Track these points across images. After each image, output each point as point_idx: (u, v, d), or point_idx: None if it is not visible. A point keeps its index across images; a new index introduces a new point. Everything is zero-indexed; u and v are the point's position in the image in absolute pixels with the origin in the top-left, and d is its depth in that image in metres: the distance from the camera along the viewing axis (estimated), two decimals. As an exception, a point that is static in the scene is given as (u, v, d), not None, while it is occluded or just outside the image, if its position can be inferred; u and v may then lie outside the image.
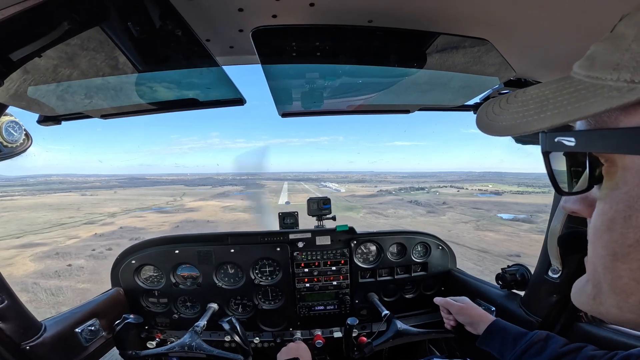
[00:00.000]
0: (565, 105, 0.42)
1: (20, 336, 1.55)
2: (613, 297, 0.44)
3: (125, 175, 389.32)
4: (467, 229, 48.88)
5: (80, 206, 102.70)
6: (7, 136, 1.37)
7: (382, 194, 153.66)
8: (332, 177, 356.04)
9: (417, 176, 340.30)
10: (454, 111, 1.76)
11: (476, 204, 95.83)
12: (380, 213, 78.26)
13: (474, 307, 1.71)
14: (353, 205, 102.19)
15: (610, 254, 0.43)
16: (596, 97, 0.39)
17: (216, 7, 0.90)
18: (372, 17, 0.94)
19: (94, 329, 1.98)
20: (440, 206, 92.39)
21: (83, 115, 1.46)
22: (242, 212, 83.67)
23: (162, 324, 2.47)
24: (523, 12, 0.87)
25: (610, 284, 0.44)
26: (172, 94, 1.39)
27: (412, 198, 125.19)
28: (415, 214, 79.11)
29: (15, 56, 0.81)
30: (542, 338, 1.31)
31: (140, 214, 77.43)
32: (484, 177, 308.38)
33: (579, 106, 0.40)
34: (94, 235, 44.55)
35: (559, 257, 1.60)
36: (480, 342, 1.53)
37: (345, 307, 2.49)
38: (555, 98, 0.44)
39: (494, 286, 2.15)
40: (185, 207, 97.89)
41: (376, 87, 1.45)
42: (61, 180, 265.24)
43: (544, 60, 1.16)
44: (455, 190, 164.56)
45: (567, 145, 0.45)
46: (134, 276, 2.40)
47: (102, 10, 0.77)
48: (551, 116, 0.43)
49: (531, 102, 0.48)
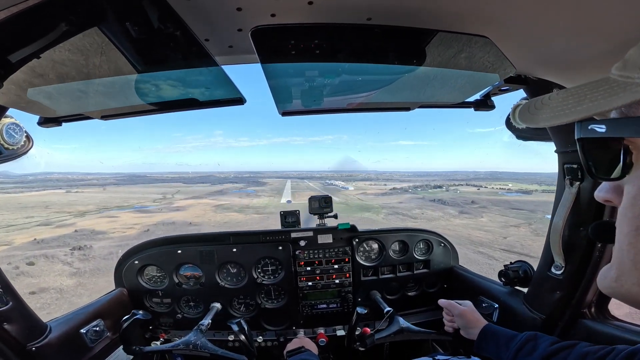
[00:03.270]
0: (599, 99, 0.49)
1: (25, 337, 1.56)
2: (635, 274, 0.48)
3: (126, 174, 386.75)
4: (526, 235, 44.28)
5: (51, 204, 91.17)
6: (8, 138, 1.37)
7: (397, 192, 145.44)
8: (336, 175, 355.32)
9: (423, 175, 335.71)
10: (455, 108, 1.76)
11: (512, 204, 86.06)
12: (405, 214, 69.35)
13: (473, 312, 1.74)
14: (369, 204, 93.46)
15: (634, 229, 0.48)
16: (625, 92, 0.45)
17: (214, 7, 0.90)
18: (370, 14, 0.93)
19: (99, 329, 1.99)
20: (469, 205, 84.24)
21: (83, 116, 1.47)
22: (237, 212, 74.53)
23: (166, 324, 2.48)
24: (522, 9, 0.87)
25: (633, 260, 0.48)
26: (172, 94, 1.39)
27: (433, 196, 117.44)
28: (446, 215, 70.15)
29: (14, 58, 0.81)
30: (531, 338, 1.35)
31: (114, 214, 70.18)
32: (493, 176, 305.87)
33: (610, 99, 0.47)
34: (31, 242, 36.85)
35: (561, 254, 1.60)
36: (476, 348, 1.57)
37: (347, 305, 2.50)
38: (592, 94, 0.51)
39: (496, 283, 2.14)
40: (172, 206, 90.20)
41: (376, 85, 1.45)
42: (59, 178, 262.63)
43: (545, 57, 1.16)
44: (475, 188, 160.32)
45: (598, 131, 0.51)
46: (137, 276, 2.40)
47: (100, 11, 0.77)
48: (586, 108, 0.50)
49: (570, 98, 0.54)
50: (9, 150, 1.39)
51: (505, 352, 1.40)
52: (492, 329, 1.56)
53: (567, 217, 1.55)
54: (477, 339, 1.58)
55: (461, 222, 61.98)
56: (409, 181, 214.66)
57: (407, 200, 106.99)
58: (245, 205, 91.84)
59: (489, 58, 1.12)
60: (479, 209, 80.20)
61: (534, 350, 1.28)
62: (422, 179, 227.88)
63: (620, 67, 0.50)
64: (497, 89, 1.58)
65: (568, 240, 1.59)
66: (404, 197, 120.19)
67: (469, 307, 1.77)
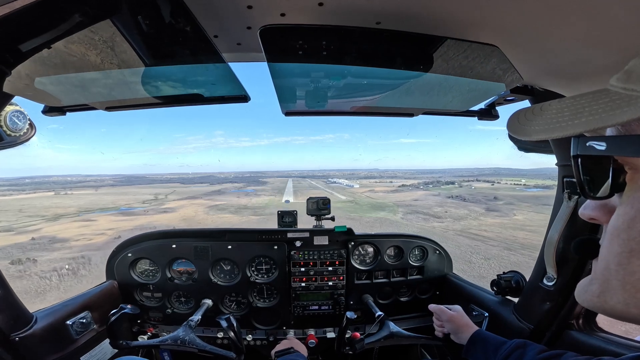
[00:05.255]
0: (599, 113, 0.45)
1: (10, 327, 1.55)
2: (621, 293, 0.47)
3: (125, 175, 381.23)
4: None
5: (27, 208, 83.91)
6: (11, 125, 1.37)
7: (409, 188, 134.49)
8: (338, 174, 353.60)
9: (426, 173, 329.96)
10: (458, 116, 1.77)
11: (540, 199, 78.51)
12: (426, 213, 61.99)
13: (462, 316, 1.75)
14: (382, 203, 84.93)
15: (627, 250, 0.46)
16: (630, 106, 0.42)
17: (225, 4, 0.90)
18: (380, 19, 0.94)
19: (85, 321, 1.98)
20: (493, 202, 76.54)
21: (88, 106, 1.46)
22: (232, 213, 69.26)
23: (154, 319, 2.47)
24: (534, 18, 0.87)
25: (621, 280, 0.47)
26: (178, 88, 1.40)
27: (449, 193, 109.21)
28: (472, 212, 62.60)
29: (25, 47, 0.81)
30: (520, 345, 1.35)
31: (93, 217, 64.25)
32: (497, 172, 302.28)
33: (613, 114, 0.43)
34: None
35: (554, 266, 1.62)
36: (465, 353, 1.59)
37: (339, 308, 2.50)
38: (591, 107, 0.47)
39: (488, 292, 2.16)
40: (160, 208, 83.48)
41: (381, 89, 1.46)
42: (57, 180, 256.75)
43: (554, 68, 1.16)
44: (489, 184, 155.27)
45: (597, 149, 0.48)
46: (130, 269, 2.39)
47: (114, 4, 0.78)
48: (585, 122, 0.46)
49: (566, 109, 0.51)
50: (11, 137, 1.39)
51: (492, 358, 1.41)
52: (482, 335, 1.57)
53: (563, 231, 1.57)
54: (466, 344, 1.59)
55: (494, 221, 56.42)
56: (415, 178, 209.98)
57: (423, 197, 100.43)
58: (243, 206, 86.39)
59: (496, 67, 1.12)
60: (505, 205, 73.98)
61: (521, 358, 1.29)
62: (427, 177, 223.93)
63: (623, 78, 0.47)
64: (502, 99, 1.59)
65: (562, 253, 1.60)
66: (417, 193, 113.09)
67: (458, 312, 1.78)
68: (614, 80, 0.48)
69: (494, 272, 2.30)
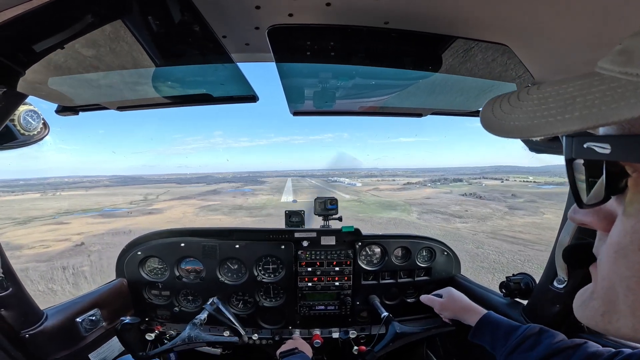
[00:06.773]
0: (598, 106, 0.35)
1: (20, 324, 1.57)
2: (630, 319, 0.41)
3: (121, 176, 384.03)
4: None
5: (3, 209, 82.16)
6: (25, 124, 1.40)
7: (415, 186, 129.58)
8: (338, 173, 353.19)
9: (428, 171, 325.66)
10: (466, 116, 1.75)
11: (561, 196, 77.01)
12: (444, 212, 57.01)
13: (455, 301, 1.66)
14: (392, 202, 79.61)
15: (637, 275, 0.39)
16: (638, 97, 0.32)
17: (234, 4, 0.91)
18: (388, 18, 0.94)
19: (95, 319, 2.00)
20: (513, 200, 72.01)
21: (100, 106, 1.49)
22: (224, 214, 66.32)
23: (162, 317, 2.49)
24: (544, 19, 0.86)
25: (631, 306, 0.41)
26: (187, 88, 1.41)
27: (460, 190, 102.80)
28: (496, 212, 57.20)
29: (38, 47, 0.83)
30: (534, 332, 1.25)
31: (66, 220, 60.01)
32: (499, 170, 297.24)
33: (617, 107, 0.33)
34: None
35: (565, 268, 1.59)
36: (471, 336, 1.50)
37: (345, 308, 2.49)
38: (584, 97, 0.37)
39: (497, 294, 2.13)
40: (146, 209, 79.44)
41: (389, 89, 1.45)
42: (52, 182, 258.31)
43: (564, 68, 1.14)
44: (499, 181, 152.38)
45: (599, 152, 0.39)
46: (139, 268, 2.42)
47: (125, 4, 0.79)
48: (580, 117, 0.36)
49: (551, 100, 0.41)
50: (24, 136, 1.42)
51: (502, 345, 1.31)
52: (492, 318, 1.48)
53: (575, 232, 1.54)
54: (474, 327, 1.49)
55: (524, 220, 50.60)
56: (417, 177, 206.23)
57: (434, 195, 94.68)
58: (238, 206, 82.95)
59: (507, 67, 1.11)
60: (528, 203, 68.41)
61: (536, 345, 1.19)
62: (430, 175, 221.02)
63: (620, 61, 0.36)
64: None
65: (573, 255, 1.57)
66: (426, 191, 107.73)
67: (449, 297, 1.71)
68: (606, 63, 0.37)
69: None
